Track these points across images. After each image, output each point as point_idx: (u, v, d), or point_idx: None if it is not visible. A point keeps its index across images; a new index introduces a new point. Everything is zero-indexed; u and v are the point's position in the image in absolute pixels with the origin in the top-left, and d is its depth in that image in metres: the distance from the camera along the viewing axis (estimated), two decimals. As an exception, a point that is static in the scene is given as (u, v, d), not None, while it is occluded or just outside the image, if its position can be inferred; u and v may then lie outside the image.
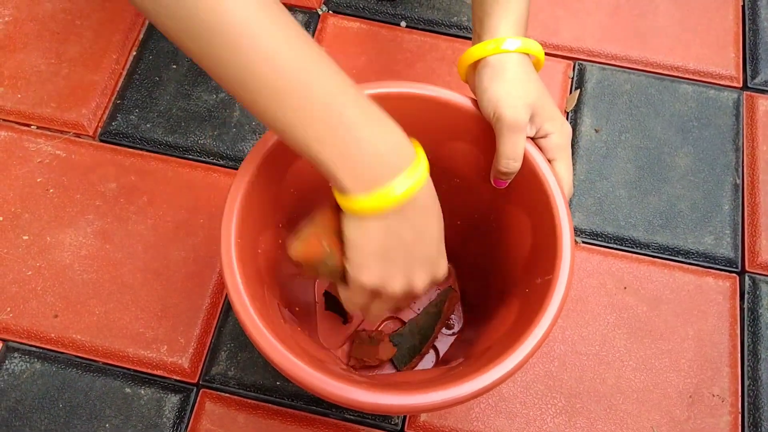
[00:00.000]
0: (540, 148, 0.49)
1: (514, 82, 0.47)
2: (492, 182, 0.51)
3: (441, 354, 0.64)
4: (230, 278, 0.43)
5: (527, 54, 0.49)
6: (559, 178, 0.48)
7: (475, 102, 0.50)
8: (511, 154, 0.48)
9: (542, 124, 0.48)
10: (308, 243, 0.43)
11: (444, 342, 0.64)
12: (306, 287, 0.64)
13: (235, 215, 0.45)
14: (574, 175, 0.73)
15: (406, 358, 0.62)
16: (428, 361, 0.64)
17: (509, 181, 0.51)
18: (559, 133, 0.48)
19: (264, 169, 0.48)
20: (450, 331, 0.65)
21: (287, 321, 0.50)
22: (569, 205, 0.64)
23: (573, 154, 0.75)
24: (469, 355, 0.53)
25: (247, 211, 0.46)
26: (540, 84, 0.49)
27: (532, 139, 0.49)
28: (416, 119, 0.52)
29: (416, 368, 0.63)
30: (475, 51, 0.49)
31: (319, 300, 0.65)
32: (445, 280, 0.67)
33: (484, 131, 0.50)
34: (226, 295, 0.67)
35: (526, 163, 0.49)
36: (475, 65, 0.50)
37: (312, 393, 0.42)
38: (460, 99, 0.50)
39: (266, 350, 0.42)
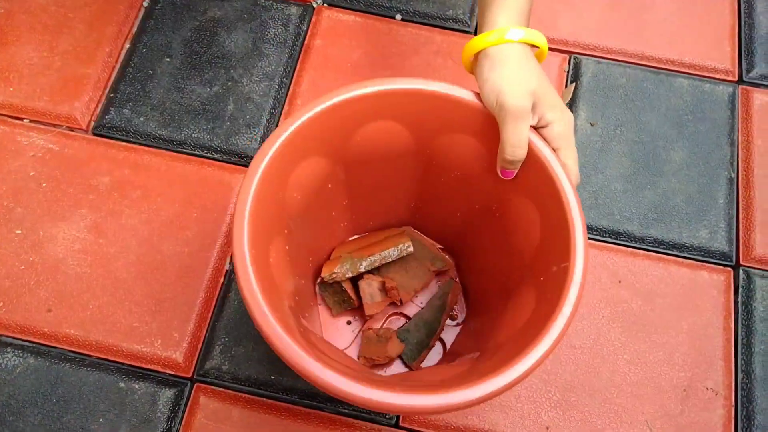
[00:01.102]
0: (543, 138, 0.49)
1: (515, 70, 0.47)
2: (499, 173, 0.51)
3: (448, 346, 0.64)
4: (249, 291, 0.42)
5: (530, 45, 0.49)
6: (565, 167, 0.48)
7: (473, 94, 0.50)
8: (516, 141, 0.47)
9: (544, 113, 0.48)
10: None
11: (449, 333, 0.64)
12: (311, 293, 0.63)
13: (246, 227, 0.45)
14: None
15: (415, 353, 0.62)
16: (435, 353, 0.64)
17: (516, 171, 0.50)
18: (561, 121, 0.48)
19: (267, 178, 0.47)
20: (454, 322, 0.65)
21: (302, 327, 0.50)
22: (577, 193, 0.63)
23: (568, 147, 0.74)
24: (486, 348, 0.53)
25: (257, 222, 0.46)
26: (541, 72, 0.49)
27: (535, 128, 0.49)
28: (414, 114, 0.52)
29: (425, 362, 0.63)
30: (477, 42, 0.49)
31: (322, 303, 0.65)
32: (445, 273, 0.67)
33: (483, 122, 0.50)
34: (221, 291, 0.67)
35: (531, 152, 0.49)
36: (477, 56, 0.50)
37: (344, 400, 0.41)
38: (457, 91, 0.50)
39: (297, 362, 0.41)
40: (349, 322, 0.65)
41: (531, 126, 0.48)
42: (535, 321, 0.45)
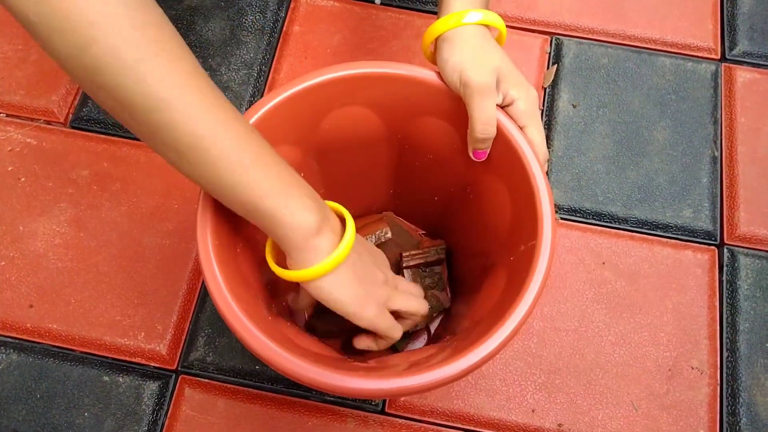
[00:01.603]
0: (509, 116, 0.49)
1: (476, 49, 0.47)
2: (471, 156, 0.51)
3: (433, 329, 0.64)
4: (212, 282, 0.42)
5: (489, 27, 0.49)
6: (532, 144, 0.48)
7: (438, 74, 0.49)
8: (485, 118, 0.47)
9: (507, 91, 0.47)
10: None
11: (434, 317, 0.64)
12: (293, 282, 0.63)
13: (209, 217, 0.44)
14: (552, 150, 0.73)
15: (404, 338, 0.62)
16: (421, 337, 0.64)
17: (488, 150, 0.50)
18: (525, 99, 0.48)
19: None
20: (440, 306, 0.65)
21: (275, 317, 0.50)
22: (547, 169, 0.63)
23: (551, 129, 0.74)
24: (460, 329, 0.53)
25: (222, 211, 0.45)
26: (501, 51, 0.48)
27: (500, 107, 0.48)
28: (384, 98, 0.51)
29: (412, 345, 0.63)
30: (436, 27, 0.48)
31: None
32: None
33: (453, 104, 0.49)
34: (206, 289, 0.66)
35: (499, 131, 0.48)
36: (436, 42, 0.50)
37: (307, 385, 0.42)
38: (426, 74, 0.49)
39: (260, 350, 0.41)
40: None
41: (496, 105, 0.48)
42: (503, 301, 0.45)
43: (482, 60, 0.46)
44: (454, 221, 0.61)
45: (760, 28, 0.80)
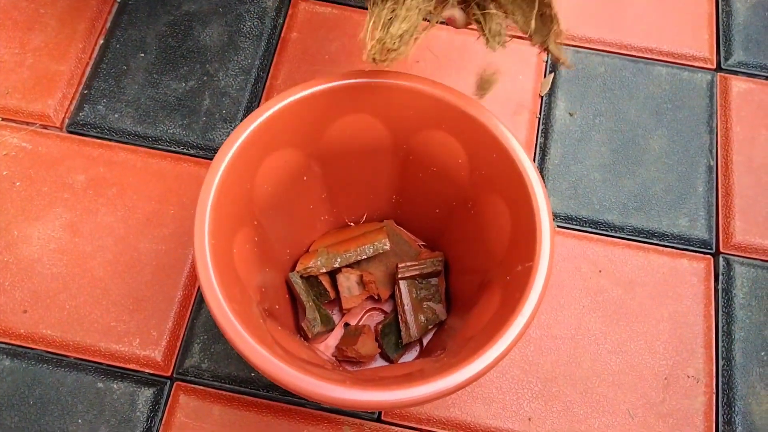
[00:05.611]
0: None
1: None
2: None
3: (425, 343, 0.64)
4: (206, 282, 0.42)
5: None
6: None
7: (448, 89, 0.49)
8: None
9: None
10: None
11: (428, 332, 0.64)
12: (284, 284, 0.63)
13: (207, 216, 0.44)
14: (549, 158, 0.73)
15: (398, 348, 0.62)
16: (413, 350, 0.63)
17: None
18: None
19: (235, 166, 0.46)
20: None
21: (266, 320, 0.50)
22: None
23: (548, 137, 0.74)
24: (451, 345, 0.53)
25: (220, 211, 0.45)
26: None
27: None
28: (392, 108, 0.51)
29: (404, 357, 0.63)
30: None
31: (297, 296, 0.65)
32: None
33: (458, 119, 0.49)
34: (200, 289, 0.66)
35: (502, 148, 0.48)
36: None
37: (298, 394, 0.41)
38: (432, 87, 0.49)
39: (248, 354, 0.41)
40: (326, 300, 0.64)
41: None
42: (496, 321, 0.45)
43: None
44: (453, 235, 0.61)
45: (755, 38, 0.80)
